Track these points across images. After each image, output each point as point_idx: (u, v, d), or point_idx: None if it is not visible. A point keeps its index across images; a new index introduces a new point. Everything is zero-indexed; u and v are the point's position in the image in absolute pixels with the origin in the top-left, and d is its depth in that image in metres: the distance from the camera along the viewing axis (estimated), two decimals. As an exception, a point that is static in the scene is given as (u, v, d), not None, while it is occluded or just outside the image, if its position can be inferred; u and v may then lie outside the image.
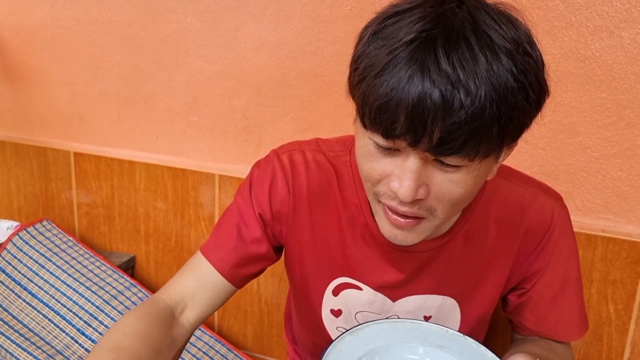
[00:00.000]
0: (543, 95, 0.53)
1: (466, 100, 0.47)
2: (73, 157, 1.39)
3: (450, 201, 0.55)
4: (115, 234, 1.39)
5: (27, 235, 1.25)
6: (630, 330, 0.99)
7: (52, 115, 1.41)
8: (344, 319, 0.74)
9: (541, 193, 0.70)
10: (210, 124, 1.26)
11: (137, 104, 1.31)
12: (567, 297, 0.71)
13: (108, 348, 0.59)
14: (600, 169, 0.98)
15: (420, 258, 0.69)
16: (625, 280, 0.97)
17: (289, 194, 0.70)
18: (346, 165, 0.70)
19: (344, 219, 0.70)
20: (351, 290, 0.72)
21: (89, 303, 1.17)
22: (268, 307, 1.29)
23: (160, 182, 1.31)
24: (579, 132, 0.98)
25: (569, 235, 0.71)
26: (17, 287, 1.20)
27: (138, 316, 0.64)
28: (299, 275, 0.75)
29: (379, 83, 0.49)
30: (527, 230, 0.69)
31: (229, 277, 0.70)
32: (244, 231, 0.71)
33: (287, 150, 0.72)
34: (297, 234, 0.72)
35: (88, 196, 1.40)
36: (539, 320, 0.73)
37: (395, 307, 0.71)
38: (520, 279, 0.72)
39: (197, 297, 0.69)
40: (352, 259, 0.70)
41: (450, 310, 0.72)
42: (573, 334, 0.72)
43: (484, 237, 0.69)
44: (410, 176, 0.52)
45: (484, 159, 0.52)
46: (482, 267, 0.70)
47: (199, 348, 1.18)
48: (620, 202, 0.98)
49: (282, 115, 1.19)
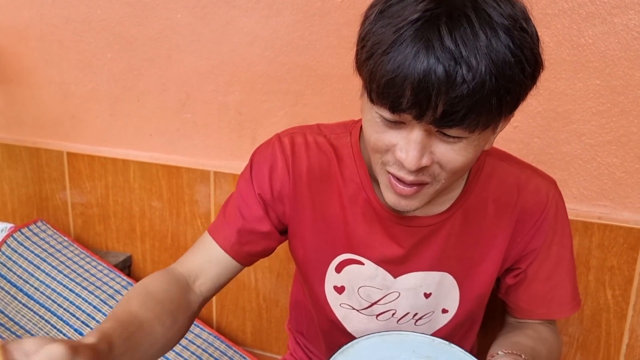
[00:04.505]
0: (538, 68, 0.56)
1: (468, 75, 0.50)
2: (66, 157, 1.38)
3: (452, 169, 0.59)
4: (111, 234, 1.39)
5: (21, 237, 1.24)
6: (629, 316, 0.99)
7: (44, 115, 1.39)
8: (347, 295, 0.75)
9: (537, 175, 0.74)
10: (204, 121, 1.25)
11: (130, 102, 1.30)
12: (560, 276, 0.74)
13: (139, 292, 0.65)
14: (595, 156, 0.98)
15: (420, 233, 0.71)
16: (622, 267, 0.98)
17: (289, 174, 0.72)
18: (347, 146, 0.73)
19: (345, 197, 0.72)
20: (353, 266, 0.74)
21: (85, 303, 1.16)
22: (266, 303, 1.28)
23: (155, 181, 1.30)
24: (573, 119, 0.98)
25: (563, 216, 0.74)
26: (13, 288, 1.19)
27: (158, 275, 0.69)
28: (301, 254, 0.77)
29: (386, 60, 0.52)
30: (522, 210, 0.72)
31: (233, 254, 0.74)
32: (245, 211, 0.74)
33: (289, 133, 0.75)
34: (299, 214, 0.74)
35: (82, 196, 1.39)
36: (532, 300, 0.76)
37: (397, 283, 0.73)
38: (516, 258, 0.74)
39: (207, 271, 0.73)
40: (353, 235, 0.73)
41: (449, 289, 0.73)
42: (565, 311, 0.76)
43: (482, 216, 0.72)
44: (415, 147, 0.56)
45: (484, 130, 0.56)
46: (480, 245, 0.73)
47: (198, 345, 1.18)
48: (616, 189, 0.98)
49: (276, 110, 1.18)
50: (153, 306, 0.63)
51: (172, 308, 0.66)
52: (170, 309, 0.66)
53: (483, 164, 0.72)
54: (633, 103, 0.94)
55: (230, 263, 0.74)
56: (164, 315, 0.64)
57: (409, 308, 0.74)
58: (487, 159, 0.73)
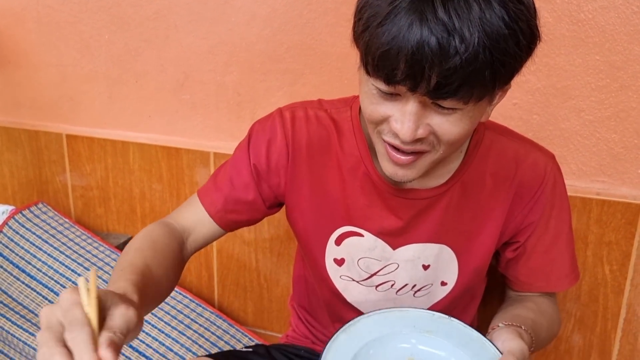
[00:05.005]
0: (534, 40, 0.56)
1: (461, 47, 0.50)
2: (65, 139, 1.38)
3: (449, 140, 0.59)
4: (112, 216, 1.39)
5: (22, 218, 1.24)
6: (626, 291, 1.00)
7: (42, 98, 1.39)
8: (347, 267, 0.76)
9: (535, 150, 0.74)
10: (202, 101, 1.25)
11: (128, 83, 1.30)
12: (559, 249, 0.75)
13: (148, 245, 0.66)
14: (594, 132, 0.98)
15: (419, 205, 0.72)
16: (620, 242, 0.98)
17: (288, 147, 0.74)
18: (347, 120, 0.74)
19: (345, 170, 0.73)
20: (353, 238, 0.75)
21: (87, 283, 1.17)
22: (267, 283, 1.29)
23: (155, 162, 1.31)
24: (572, 95, 0.98)
25: (561, 190, 0.75)
26: (16, 269, 1.20)
27: (161, 229, 0.71)
28: (301, 227, 0.78)
29: (381, 32, 0.53)
30: (520, 184, 0.72)
31: (217, 219, 0.76)
32: (235, 179, 0.76)
33: (290, 107, 0.76)
34: (297, 186, 0.75)
35: (82, 178, 1.39)
36: (532, 273, 0.77)
37: (395, 254, 0.74)
38: (514, 232, 0.75)
39: (197, 231, 0.76)
40: (353, 208, 0.74)
41: (447, 261, 0.74)
42: (564, 284, 0.77)
43: (480, 189, 0.73)
44: (410, 118, 0.57)
45: (478, 102, 0.56)
46: (478, 218, 0.73)
47: (201, 324, 1.19)
48: (615, 164, 0.98)
49: (275, 90, 1.18)
50: (162, 261, 0.65)
51: (175, 263, 0.69)
52: (174, 265, 0.68)
53: (482, 138, 0.72)
54: (632, 78, 0.94)
55: (214, 227, 0.77)
56: (169, 271, 0.66)
57: (408, 279, 0.75)
58: (486, 133, 0.73)
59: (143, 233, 0.70)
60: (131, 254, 0.64)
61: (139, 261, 0.62)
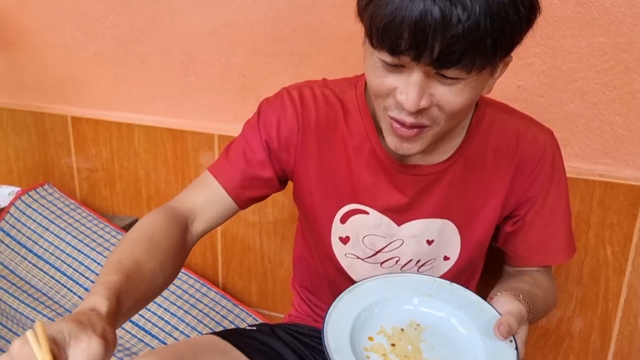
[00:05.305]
0: (533, 11, 0.57)
1: (463, 15, 0.52)
2: (71, 121, 1.38)
3: (451, 111, 0.61)
4: (117, 198, 1.40)
5: (29, 199, 1.25)
6: (627, 272, 1.01)
7: (47, 80, 1.39)
8: (351, 245, 0.77)
9: (535, 126, 0.76)
10: (207, 83, 1.25)
11: (133, 65, 1.30)
12: (556, 223, 0.77)
13: (144, 238, 0.65)
14: (598, 114, 0.99)
15: (423, 182, 0.73)
16: (623, 223, 0.99)
17: (298, 124, 0.74)
18: (352, 99, 0.75)
19: (351, 148, 0.74)
20: (358, 216, 0.76)
21: (94, 263, 1.19)
22: (271, 264, 1.31)
23: (160, 144, 1.31)
24: (577, 77, 0.98)
25: (560, 165, 0.76)
26: (23, 249, 1.22)
27: (162, 217, 0.70)
28: (308, 205, 0.79)
29: (385, 3, 0.54)
30: (521, 159, 0.74)
31: (234, 195, 0.76)
32: (249, 155, 0.76)
33: (297, 86, 0.77)
34: (305, 164, 0.76)
35: (88, 160, 1.40)
36: (530, 247, 0.78)
37: (400, 231, 0.75)
38: (514, 206, 0.77)
39: (206, 210, 0.75)
40: (358, 185, 0.75)
41: (450, 236, 0.76)
42: (562, 257, 0.79)
43: (482, 165, 0.74)
44: (414, 88, 0.58)
45: (480, 72, 0.58)
46: (480, 193, 0.75)
47: (206, 304, 1.21)
48: (618, 146, 0.99)
49: (280, 72, 1.18)
50: (157, 254, 0.64)
51: (174, 254, 0.67)
52: (173, 256, 0.67)
53: (484, 115, 0.74)
54: (637, 60, 0.94)
55: (230, 205, 0.76)
56: (167, 263, 0.65)
57: (412, 255, 0.76)
58: (487, 110, 0.74)
59: (141, 222, 0.69)
60: (122, 248, 0.63)
61: (128, 257, 0.60)
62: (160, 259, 0.64)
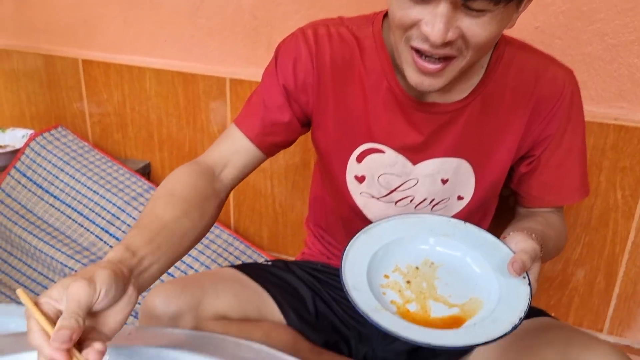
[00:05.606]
0: None
1: None
2: (81, 64, 1.37)
3: (477, 45, 0.60)
4: (129, 142, 1.41)
5: (43, 141, 1.27)
6: (636, 215, 1.03)
7: (57, 22, 1.38)
8: (367, 184, 0.78)
9: (554, 65, 0.74)
10: (218, 26, 1.23)
11: (143, 7, 1.28)
12: (571, 163, 0.76)
13: (164, 194, 0.67)
14: (616, 57, 0.97)
15: (440, 120, 0.73)
16: (635, 167, 0.99)
17: (313, 65, 0.73)
18: (369, 36, 0.73)
19: (367, 86, 0.73)
20: (374, 155, 0.76)
21: (110, 204, 1.21)
22: (282, 208, 1.33)
23: (171, 88, 1.31)
24: (597, 18, 0.96)
25: (578, 105, 0.75)
26: (39, 189, 1.24)
27: (185, 171, 0.72)
28: (323, 144, 0.79)
29: None
30: (539, 98, 0.73)
31: (257, 142, 0.76)
32: (268, 101, 0.76)
33: (312, 25, 0.75)
34: (322, 104, 0.75)
35: (99, 104, 1.40)
36: (543, 187, 0.78)
37: (416, 170, 0.75)
38: (530, 145, 0.76)
39: (233, 160, 0.76)
40: (375, 124, 0.74)
41: (465, 175, 0.76)
42: (574, 197, 0.79)
43: (500, 104, 0.73)
44: (441, 20, 0.57)
45: (507, 4, 0.56)
46: (496, 132, 0.74)
47: (219, 245, 1.24)
48: (635, 89, 0.98)
49: (292, 14, 1.16)
50: (178, 203, 0.65)
51: (199, 201, 0.68)
52: (198, 203, 0.68)
53: (503, 53, 0.72)
54: (660, 0, 0.92)
55: (255, 152, 0.77)
56: (192, 210, 0.66)
57: (427, 194, 0.77)
58: (506, 48, 0.73)
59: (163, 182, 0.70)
60: (144, 210, 0.65)
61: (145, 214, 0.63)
62: (183, 208, 0.65)
